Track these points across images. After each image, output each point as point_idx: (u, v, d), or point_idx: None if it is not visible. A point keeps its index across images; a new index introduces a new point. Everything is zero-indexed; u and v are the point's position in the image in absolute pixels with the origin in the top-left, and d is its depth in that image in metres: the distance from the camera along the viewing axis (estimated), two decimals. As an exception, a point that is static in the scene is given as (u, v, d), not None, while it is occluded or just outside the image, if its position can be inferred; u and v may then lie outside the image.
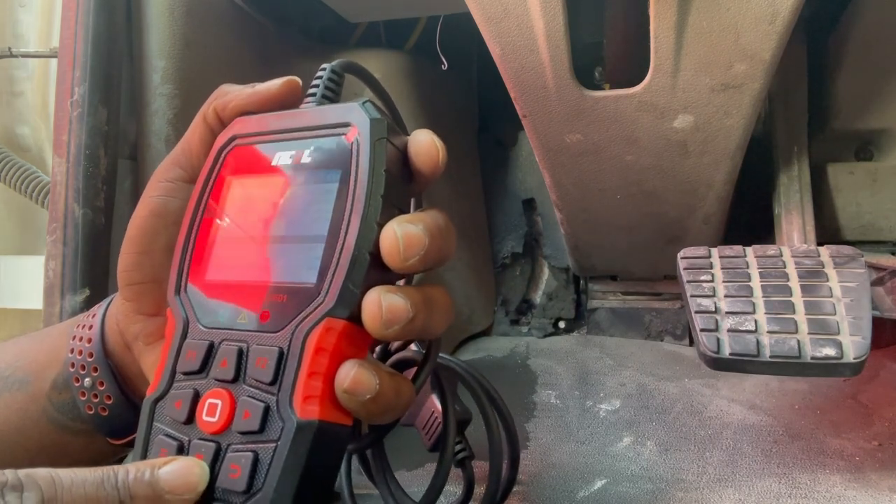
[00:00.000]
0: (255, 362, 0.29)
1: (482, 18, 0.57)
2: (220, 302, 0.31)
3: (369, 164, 0.30)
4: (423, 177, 0.32)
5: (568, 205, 0.74)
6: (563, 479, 0.54)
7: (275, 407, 0.28)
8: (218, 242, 0.33)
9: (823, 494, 0.49)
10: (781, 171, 0.74)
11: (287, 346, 0.29)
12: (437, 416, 0.44)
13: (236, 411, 0.29)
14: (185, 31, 0.67)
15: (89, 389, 0.38)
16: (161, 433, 0.30)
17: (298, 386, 0.28)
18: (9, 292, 1.09)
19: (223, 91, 0.36)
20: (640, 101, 0.60)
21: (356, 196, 0.29)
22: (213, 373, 0.30)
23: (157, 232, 0.36)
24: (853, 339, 0.45)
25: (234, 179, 0.34)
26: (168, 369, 0.31)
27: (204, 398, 0.30)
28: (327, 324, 0.28)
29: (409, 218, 0.30)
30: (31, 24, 1.18)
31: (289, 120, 0.33)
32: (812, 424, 0.60)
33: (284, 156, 0.33)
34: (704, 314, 0.49)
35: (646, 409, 0.65)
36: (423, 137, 0.31)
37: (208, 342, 0.31)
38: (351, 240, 0.29)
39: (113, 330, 0.38)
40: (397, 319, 0.28)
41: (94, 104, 0.62)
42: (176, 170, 0.36)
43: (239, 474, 0.27)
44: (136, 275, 0.36)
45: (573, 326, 0.94)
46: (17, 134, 1.18)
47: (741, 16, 0.53)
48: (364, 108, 0.31)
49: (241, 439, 0.28)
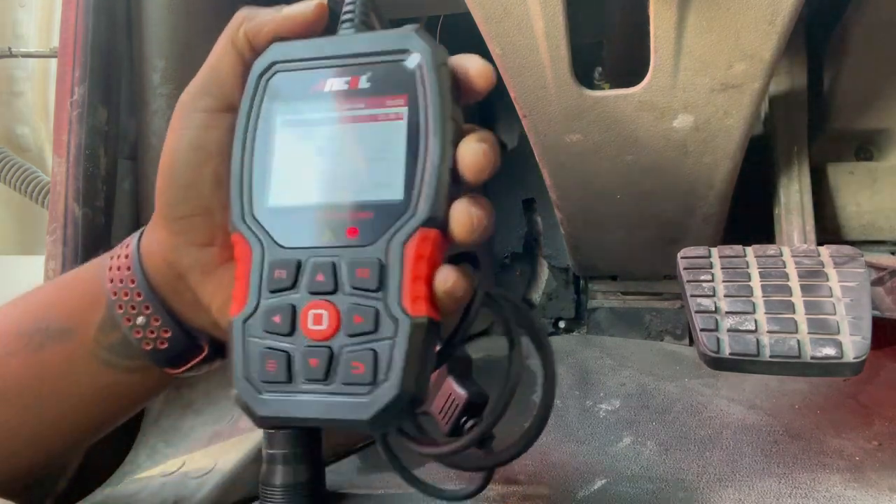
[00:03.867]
0: (355, 273, 0.32)
1: (482, 18, 0.57)
2: (297, 222, 0.33)
3: (438, 89, 0.32)
4: (476, 94, 0.34)
5: (568, 205, 0.74)
6: (563, 479, 0.54)
7: (384, 309, 0.31)
8: (281, 166, 0.34)
9: (823, 494, 0.49)
10: (781, 171, 0.74)
11: (384, 255, 0.31)
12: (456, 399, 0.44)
13: (342, 318, 0.31)
14: (185, 31, 0.67)
15: (144, 327, 0.38)
16: (262, 346, 0.32)
17: (405, 289, 0.31)
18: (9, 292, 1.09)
19: (250, 15, 0.35)
20: (640, 101, 0.60)
21: (430, 119, 0.32)
22: (307, 286, 0.32)
23: (201, 163, 0.35)
24: (853, 338, 0.45)
25: (283, 106, 0.34)
26: (253, 289, 0.33)
27: (305, 310, 0.32)
28: (422, 234, 0.31)
29: (480, 136, 0.33)
30: (31, 24, 1.18)
31: (335, 46, 0.34)
32: (812, 424, 0.60)
33: (338, 81, 0.34)
34: (704, 314, 0.49)
35: (646, 408, 0.65)
36: (476, 62, 0.34)
37: (295, 260, 0.33)
38: (433, 157, 0.32)
39: (157, 264, 0.38)
40: (481, 227, 0.32)
41: (94, 104, 0.62)
42: (207, 99, 0.36)
43: (363, 370, 0.31)
44: (184, 208, 0.36)
45: (573, 326, 0.94)
46: (17, 134, 1.18)
47: (741, 16, 0.53)
48: (420, 36, 0.33)
49: (355, 340, 0.31)
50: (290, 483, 0.49)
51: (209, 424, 0.64)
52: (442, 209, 0.32)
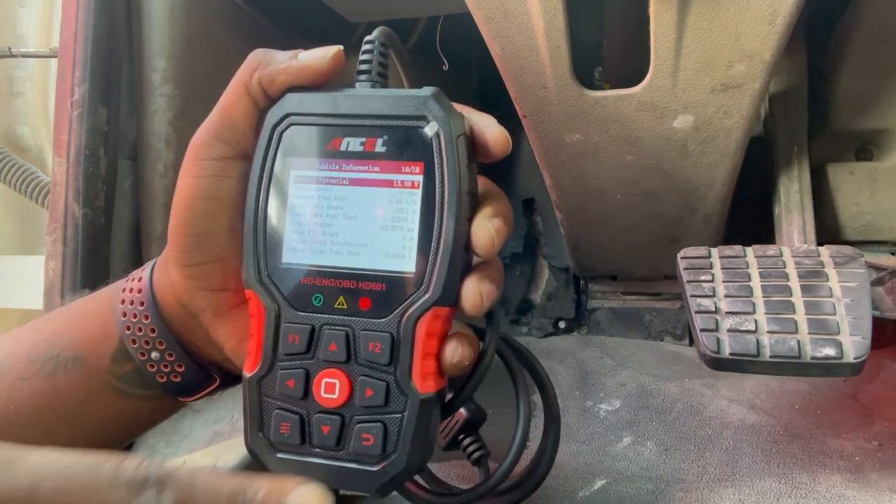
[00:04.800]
0: (367, 346, 0.33)
1: (482, 18, 0.57)
2: (311, 286, 0.34)
3: (455, 162, 0.32)
4: (489, 159, 0.34)
5: (568, 205, 0.74)
6: (563, 479, 0.54)
7: (394, 385, 0.32)
8: (293, 225, 0.34)
9: (823, 494, 0.49)
10: (781, 171, 0.74)
11: (396, 331, 0.32)
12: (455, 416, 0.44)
13: (355, 388, 0.33)
14: (185, 31, 0.67)
15: (158, 361, 0.38)
16: (277, 408, 0.34)
17: (416, 367, 0.32)
18: (9, 292, 1.09)
19: (264, 60, 0.35)
20: (640, 101, 0.60)
21: (446, 192, 0.32)
22: (321, 354, 0.33)
23: (216, 213, 0.35)
24: (853, 339, 0.45)
25: (297, 160, 0.34)
26: (267, 350, 0.34)
27: (319, 377, 0.33)
28: (434, 312, 0.32)
29: (492, 211, 0.33)
30: (31, 24, 1.18)
31: (351, 103, 0.34)
32: (812, 424, 0.60)
33: (354, 142, 0.34)
34: (704, 314, 0.49)
35: (646, 409, 0.65)
36: (493, 129, 0.34)
37: (309, 326, 0.33)
38: (448, 235, 0.32)
39: (170, 303, 0.38)
40: (491, 302, 0.33)
41: (94, 104, 0.63)
42: (220, 146, 0.35)
43: (373, 442, 0.32)
44: (198, 256, 0.36)
45: (573, 326, 0.94)
46: (17, 134, 1.18)
47: (741, 16, 0.53)
48: (439, 102, 0.33)
49: (366, 412, 0.32)
50: None
51: (209, 424, 0.64)
52: (454, 288, 0.32)
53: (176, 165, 0.65)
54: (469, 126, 0.34)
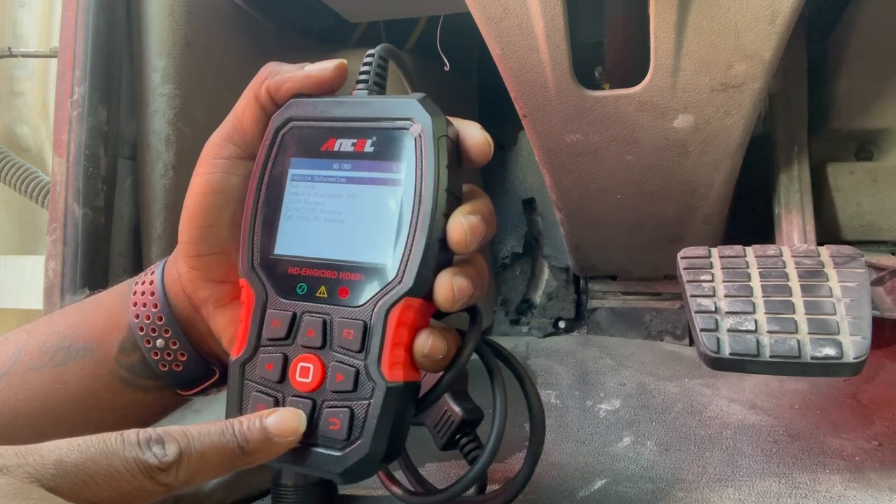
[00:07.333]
0: (341, 333, 0.34)
1: (482, 18, 0.57)
2: (296, 276, 0.35)
3: (434, 161, 0.34)
4: (472, 164, 0.36)
5: (568, 205, 0.74)
6: (563, 479, 0.54)
7: (364, 371, 0.33)
8: (286, 220, 0.36)
9: (823, 494, 0.49)
10: (781, 171, 0.74)
11: (369, 319, 0.33)
12: (451, 415, 0.44)
13: (327, 373, 0.34)
14: (185, 31, 0.67)
15: (162, 350, 0.40)
16: (255, 390, 0.35)
17: (385, 355, 0.33)
18: (9, 292, 1.09)
19: (274, 71, 0.38)
20: (640, 101, 0.60)
21: (423, 190, 0.33)
22: (299, 340, 0.35)
23: (221, 207, 0.38)
24: (853, 338, 0.45)
25: (295, 160, 0.37)
26: (252, 335, 0.35)
27: (295, 362, 0.34)
28: (406, 303, 0.33)
29: (469, 209, 0.34)
30: (31, 24, 1.18)
31: (347, 108, 0.36)
32: (812, 424, 0.60)
33: (346, 143, 0.36)
34: (704, 314, 0.49)
35: (646, 409, 0.65)
36: (475, 133, 0.36)
37: (291, 313, 0.35)
38: (423, 230, 0.33)
39: (177, 294, 0.40)
40: (464, 297, 0.34)
41: (94, 104, 0.62)
42: (230, 147, 0.38)
43: (339, 426, 0.33)
44: (203, 247, 0.38)
45: (573, 326, 0.94)
46: (17, 134, 1.18)
47: (741, 16, 0.53)
48: (424, 106, 0.35)
49: (336, 397, 0.33)
50: (302, 484, 0.49)
51: (209, 424, 0.64)
52: (427, 280, 0.33)
53: (176, 165, 0.65)
54: (456, 131, 0.36)
